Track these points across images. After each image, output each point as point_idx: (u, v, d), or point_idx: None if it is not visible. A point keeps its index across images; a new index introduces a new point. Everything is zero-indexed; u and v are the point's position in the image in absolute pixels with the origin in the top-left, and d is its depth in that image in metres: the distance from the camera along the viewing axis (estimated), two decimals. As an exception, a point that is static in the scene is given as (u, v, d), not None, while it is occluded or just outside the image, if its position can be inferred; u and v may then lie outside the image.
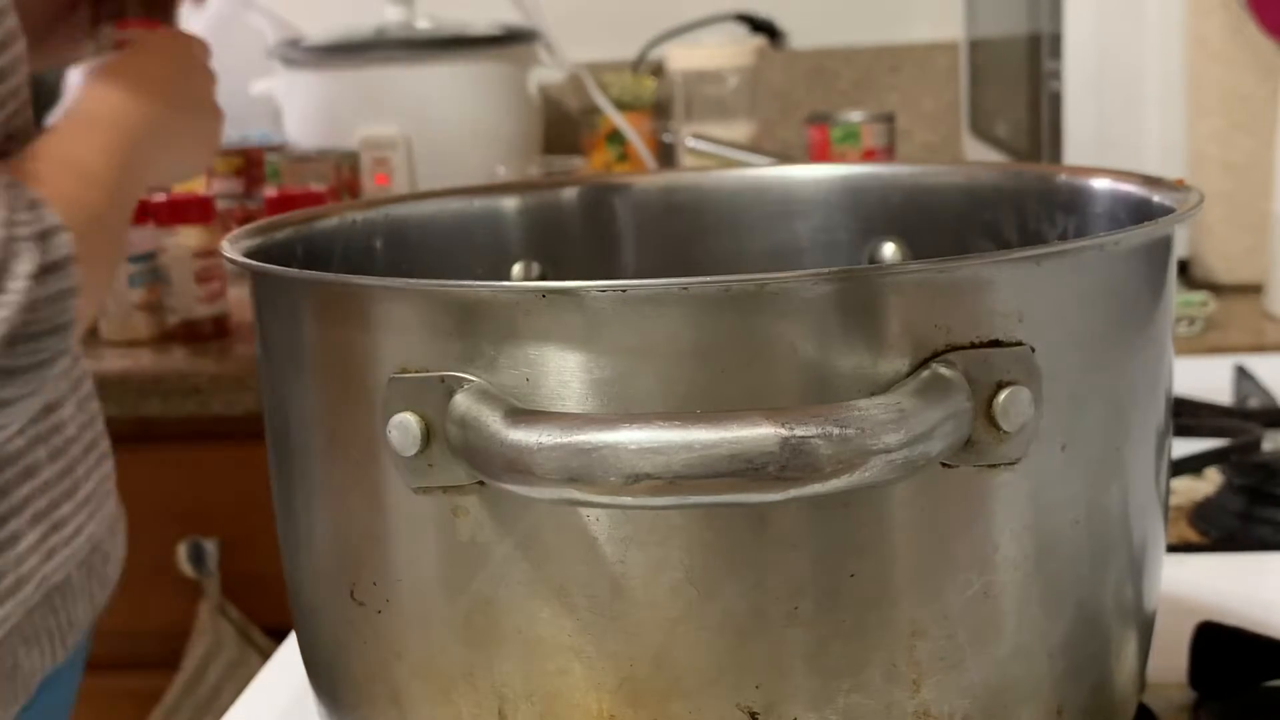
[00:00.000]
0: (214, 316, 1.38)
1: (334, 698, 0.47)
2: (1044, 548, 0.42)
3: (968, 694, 0.41)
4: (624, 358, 0.39)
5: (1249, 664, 0.57)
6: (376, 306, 0.41)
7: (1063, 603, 0.43)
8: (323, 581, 0.46)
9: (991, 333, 0.40)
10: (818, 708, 0.40)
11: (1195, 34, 1.29)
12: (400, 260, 0.57)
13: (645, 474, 0.35)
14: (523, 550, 0.40)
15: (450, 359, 0.40)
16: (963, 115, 1.77)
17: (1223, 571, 0.70)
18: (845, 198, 0.62)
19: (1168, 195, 0.50)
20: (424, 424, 0.40)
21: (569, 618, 0.40)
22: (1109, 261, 0.43)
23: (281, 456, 0.47)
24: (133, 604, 1.14)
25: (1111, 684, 0.46)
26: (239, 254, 0.47)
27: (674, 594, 0.40)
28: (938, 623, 0.41)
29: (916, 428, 0.37)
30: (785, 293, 0.38)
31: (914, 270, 0.41)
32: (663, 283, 0.38)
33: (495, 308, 0.39)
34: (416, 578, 0.42)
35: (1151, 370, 0.45)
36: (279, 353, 0.46)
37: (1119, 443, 0.44)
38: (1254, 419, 0.90)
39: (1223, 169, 1.29)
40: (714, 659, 0.40)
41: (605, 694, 0.41)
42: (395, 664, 0.43)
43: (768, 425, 0.35)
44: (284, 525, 0.48)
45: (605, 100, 1.69)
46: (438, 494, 0.41)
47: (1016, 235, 0.58)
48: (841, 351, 0.39)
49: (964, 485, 0.40)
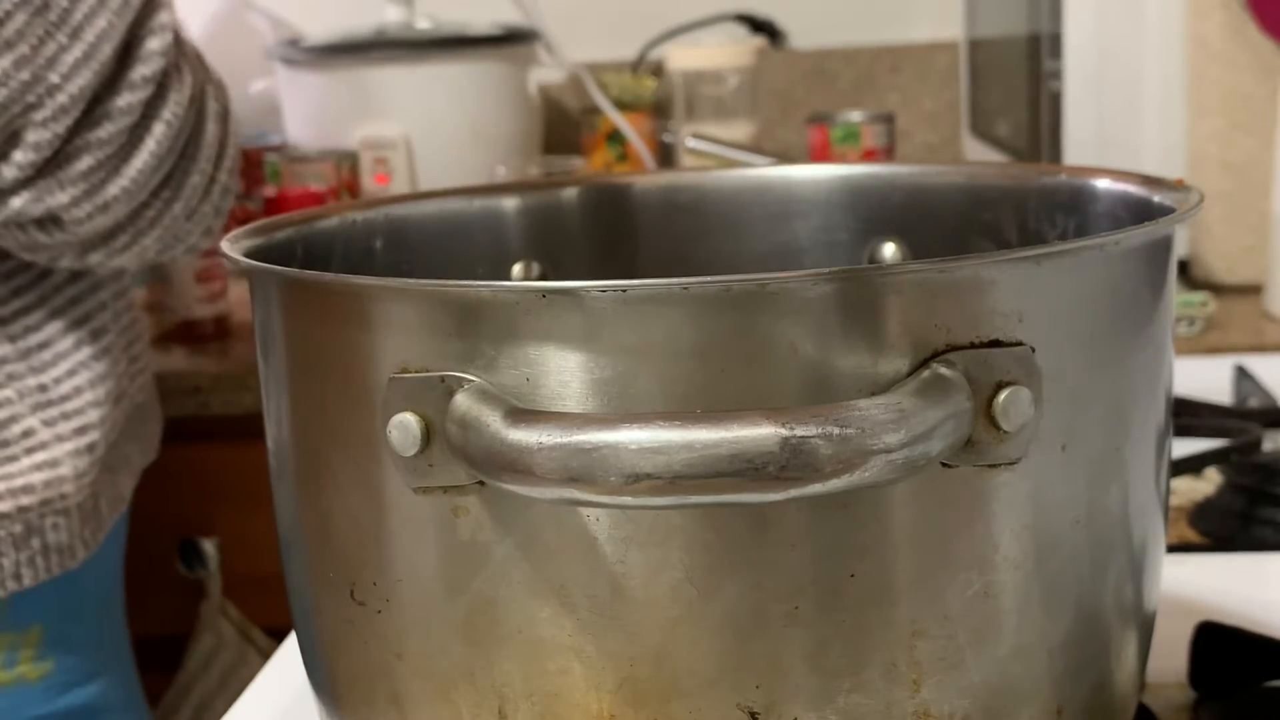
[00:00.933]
0: (214, 316, 1.38)
1: (334, 698, 0.47)
2: (1044, 547, 0.42)
3: (968, 694, 0.41)
4: (624, 357, 0.39)
5: (1249, 664, 0.57)
6: (377, 306, 0.41)
7: (1063, 603, 0.43)
8: (323, 581, 0.46)
9: (991, 333, 0.40)
10: (818, 707, 0.40)
11: (1195, 34, 1.29)
12: (400, 260, 0.57)
13: (646, 474, 0.35)
14: (523, 550, 0.40)
15: (450, 359, 0.40)
16: (963, 115, 1.77)
17: (1223, 571, 0.70)
18: (845, 198, 0.62)
19: (1168, 195, 0.50)
20: (424, 424, 0.40)
21: (569, 618, 0.40)
22: (1109, 262, 0.43)
23: (281, 456, 0.47)
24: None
25: (1111, 684, 0.46)
26: (239, 254, 0.47)
27: (674, 594, 0.40)
28: (938, 622, 0.41)
29: (917, 428, 0.37)
30: (785, 293, 0.38)
31: (914, 270, 0.41)
32: (663, 282, 0.38)
33: (495, 308, 0.39)
34: (416, 578, 0.42)
35: (1151, 370, 0.45)
36: (279, 352, 0.46)
37: (1119, 443, 0.44)
38: (1254, 419, 0.90)
39: (1223, 169, 1.29)
40: (714, 659, 0.40)
41: (605, 694, 0.41)
42: (395, 664, 0.43)
43: (768, 425, 0.35)
44: (284, 525, 0.48)
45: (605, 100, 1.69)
46: (438, 494, 0.41)
47: (1016, 235, 0.58)
48: (842, 351, 0.39)
49: (964, 485, 0.40)
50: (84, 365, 0.96)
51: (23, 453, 0.92)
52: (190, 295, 1.37)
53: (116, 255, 0.92)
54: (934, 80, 1.88)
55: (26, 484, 0.91)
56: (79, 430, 0.95)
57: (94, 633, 1.03)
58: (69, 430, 0.94)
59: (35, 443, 0.92)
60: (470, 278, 0.52)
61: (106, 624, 1.06)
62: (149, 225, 0.91)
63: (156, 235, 0.92)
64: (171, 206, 0.91)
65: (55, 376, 0.95)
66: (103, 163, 0.86)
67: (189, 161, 0.91)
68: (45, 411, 0.93)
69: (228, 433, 1.34)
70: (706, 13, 1.85)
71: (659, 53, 1.84)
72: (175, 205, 0.91)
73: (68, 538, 0.93)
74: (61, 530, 0.93)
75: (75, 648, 1.00)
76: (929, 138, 1.89)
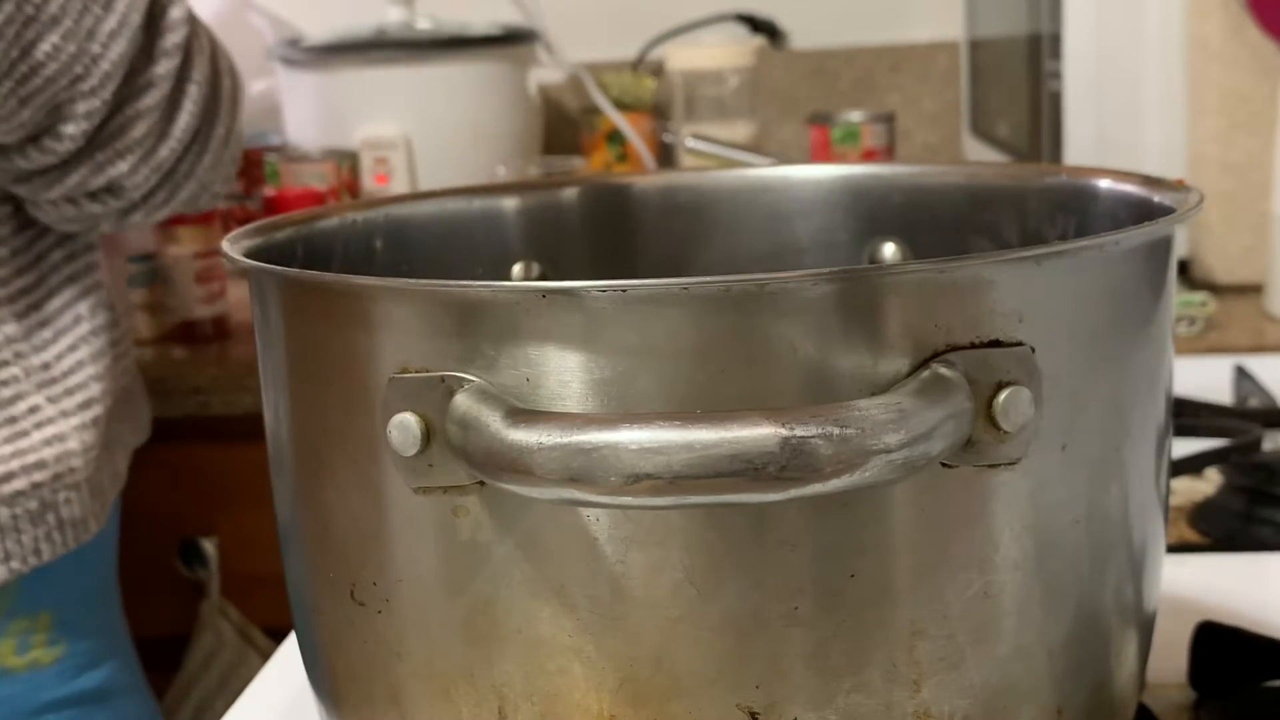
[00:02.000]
0: (214, 316, 1.38)
1: (334, 697, 0.47)
2: (1044, 547, 0.42)
3: (968, 694, 0.41)
4: (624, 357, 0.39)
5: (1249, 664, 0.57)
6: (377, 306, 0.41)
7: (1063, 602, 0.43)
8: (323, 581, 0.46)
9: (991, 333, 0.40)
10: (818, 707, 0.40)
11: (1195, 34, 1.29)
12: (400, 260, 0.57)
13: (646, 474, 0.35)
14: (523, 550, 0.41)
15: (450, 359, 0.40)
16: (963, 115, 1.77)
17: (1223, 571, 0.70)
18: (845, 198, 0.62)
19: (1168, 195, 0.50)
20: (424, 424, 0.40)
21: (569, 618, 0.41)
22: (1109, 262, 0.43)
23: (281, 456, 0.47)
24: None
25: (1112, 684, 0.46)
26: (239, 254, 0.47)
27: (674, 594, 0.40)
28: (938, 623, 0.41)
29: (917, 428, 0.37)
30: (785, 293, 0.38)
31: (914, 270, 0.41)
32: (663, 283, 0.38)
33: (496, 308, 0.39)
34: (416, 578, 0.42)
35: (1151, 370, 0.45)
36: (279, 352, 0.46)
37: (1119, 442, 0.44)
38: (1254, 419, 0.90)
39: (1222, 169, 1.29)
40: (714, 659, 0.40)
41: (605, 694, 0.41)
42: (395, 664, 0.43)
43: (768, 425, 0.35)
44: (284, 525, 0.48)
45: (605, 100, 1.70)
46: (438, 494, 0.41)
47: (1017, 235, 0.58)
48: (841, 351, 0.39)
49: (964, 485, 0.40)
50: (84, 341, 0.99)
51: (32, 428, 0.95)
52: (190, 295, 1.37)
53: (155, 212, 0.99)
54: (934, 80, 1.88)
55: (39, 460, 0.94)
56: (83, 405, 0.97)
57: (100, 617, 1.05)
58: (73, 405, 0.97)
59: (43, 418, 0.95)
60: (470, 278, 0.52)
61: (110, 609, 1.09)
62: (184, 179, 0.98)
63: (190, 189, 0.98)
64: (202, 159, 0.98)
65: (57, 353, 0.98)
66: (152, 128, 0.94)
67: (213, 115, 0.99)
68: (50, 389, 0.96)
69: (228, 433, 1.34)
70: (706, 13, 1.85)
71: (659, 53, 1.84)
72: (205, 158, 0.98)
73: (80, 511, 0.97)
74: (74, 504, 0.96)
75: (84, 632, 1.02)
76: (929, 138, 1.89)
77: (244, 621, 1.37)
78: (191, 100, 0.96)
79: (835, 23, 1.89)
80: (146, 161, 0.94)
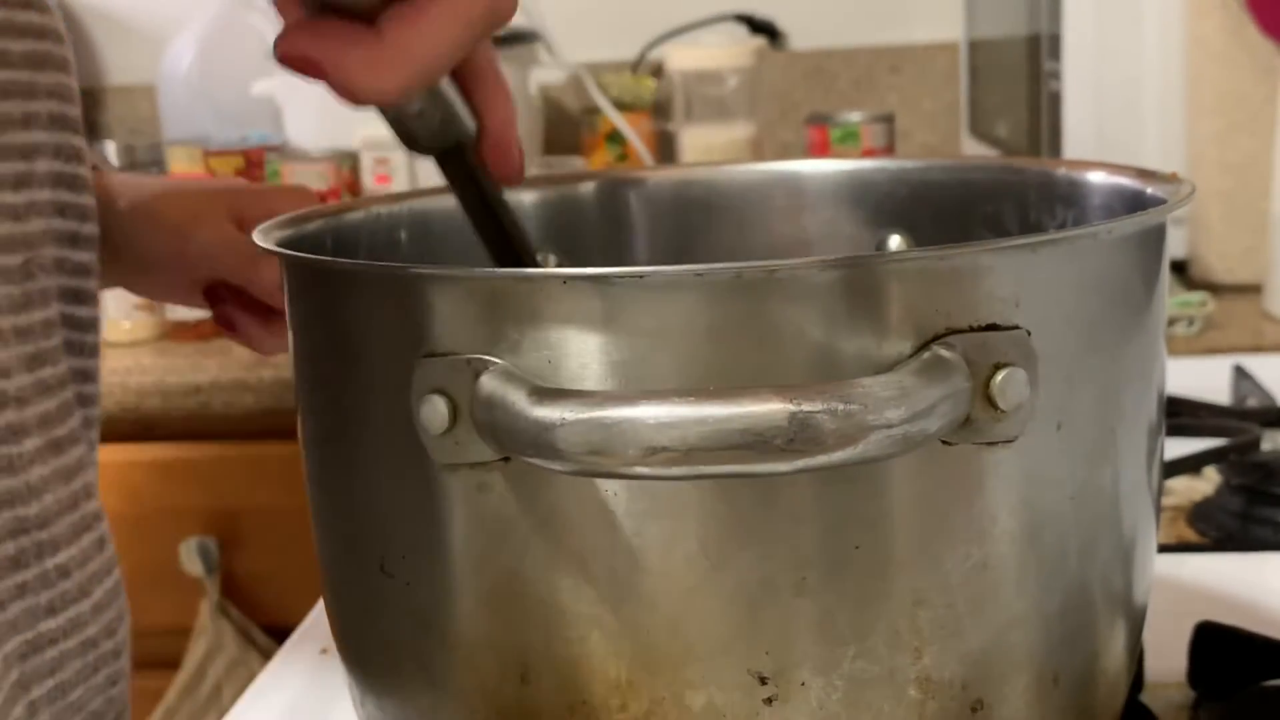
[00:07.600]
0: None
1: (363, 666, 0.49)
2: (1040, 522, 0.44)
3: (967, 660, 0.43)
4: (641, 339, 0.40)
5: (1248, 663, 0.57)
6: (407, 292, 0.43)
7: (1058, 574, 0.44)
8: (353, 555, 0.47)
9: (989, 317, 0.41)
10: (825, 673, 0.42)
11: (1195, 34, 1.30)
12: (423, 252, 0.59)
13: (662, 446, 0.37)
14: (545, 524, 0.42)
15: (477, 342, 0.41)
16: (962, 115, 1.78)
17: (1222, 571, 0.70)
18: (852, 192, 0.64)
19: (1161, 187, 0.51)
20: (451, 404, 0.41)
21: (589, 588, 0.42)
22: (1102, 249, 0.44)
23: (314, 435, 0.49)
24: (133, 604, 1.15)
25: (1106, 655, 0.47)
26: (272, 244, 0.49)
27: (688, 565, 0.41)
28: (938, 592, 0.42)
29: (916, 405, 0.38)
30: (794, 279, 0.40)
31: (915, 258, 0.42)
32: (678, 269, 0.40)
33: (519, 294, 0.41)
34: (444, 551, 0.44)
35: (1144, 355, 0.47)
36: (312, 337, 0.48)
37: (1113, 424, 0.45)
38: (1252, 419, 0.91)
39: (1221, 169, 1.30)
40: (726, 627, 0.42)
41: (623, 661, 0.42)
42: (422, 634, 0.45)
43: (776, 401, 0.37)
44: (316, 502, 0.49)
45: (605, 100, 1.71)
46: (464, 471, 0.42)
47: (1017, 227, 0.59)
48: (846, 334, 0.40)
49: (963, 462, 0.42)
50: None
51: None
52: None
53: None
54: (934, 80, 1.89)
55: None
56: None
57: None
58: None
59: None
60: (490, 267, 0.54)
61: None
62: None
63: None
64: None
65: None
66: None
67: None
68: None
69: (228, 433, 1.34)
70: (706, 13, 1.86)
71: (659, 53, 1.85)
72: None
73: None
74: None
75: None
76: (929, 138, 1.90)
77: (244, 621, 1.37)
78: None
79: (835, 23, 1.90)
80: None
